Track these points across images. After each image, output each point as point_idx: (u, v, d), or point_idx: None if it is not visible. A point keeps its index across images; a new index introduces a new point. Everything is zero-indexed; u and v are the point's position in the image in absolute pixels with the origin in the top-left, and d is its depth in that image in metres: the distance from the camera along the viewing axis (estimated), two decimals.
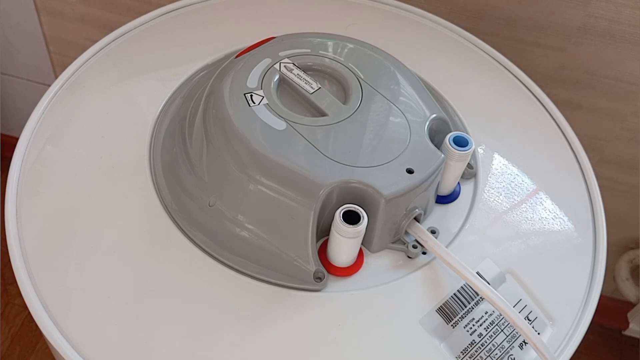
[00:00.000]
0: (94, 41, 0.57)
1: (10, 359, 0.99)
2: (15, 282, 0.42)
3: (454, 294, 0.43)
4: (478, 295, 0.43)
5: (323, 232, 0.44)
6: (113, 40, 0.57)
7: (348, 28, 0.59)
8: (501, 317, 0.43)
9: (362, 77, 0.48)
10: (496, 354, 0.42)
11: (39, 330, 0.41)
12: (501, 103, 0.57)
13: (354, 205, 0.40)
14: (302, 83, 0.46)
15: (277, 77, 0.47)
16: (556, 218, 0.49)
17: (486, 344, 0.42)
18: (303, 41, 0.50)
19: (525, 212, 0.49)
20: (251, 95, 0.45)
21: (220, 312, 0.41)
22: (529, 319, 0.43)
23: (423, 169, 0.43)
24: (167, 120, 0.50)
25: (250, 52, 0.49)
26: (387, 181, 0.42)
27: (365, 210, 0.40)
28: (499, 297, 0.41)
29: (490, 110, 0.56)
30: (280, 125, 0.43)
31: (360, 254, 0.44)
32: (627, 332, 1.06)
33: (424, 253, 0.45)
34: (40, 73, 1.01)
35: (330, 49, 0.49)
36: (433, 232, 0.45)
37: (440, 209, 0.48)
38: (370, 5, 0.63)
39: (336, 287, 0.43)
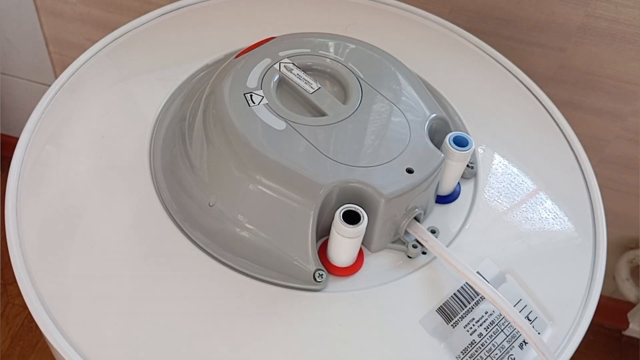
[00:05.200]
0: (94, 41, 0.57)
1: (10, 359, 0.99)
2: (15, 282, 0.42)
3: (454, 294, 0.43)
4: (478, 295, 0.43)
5: (323, 232, 0.43)
6: (113, 40, 0.57)
7: (348, 28, 0.59)
8: (501, 317, 0.43)
9: (362, 76, 0.48)
10: (496, 354, 0.42)
11: (39, 330, 0.41)
12: (501, 103, 0.57)
13: (354, 205, 0.40)
14: (301, 83, 0.46)
15: (277, 77, 0.47)
16: (556, 218, 0.49)
17: (486, 344, 0.42)
18: (303, 41, 0.50)
19: (525, 212, 0.49)
20: (251, 95, 0.45)
21: (221, 312, 0.41)
22: (529, 319, 0.43)
23: (423, 168, 0.43)
24: (167, 120, 0.50)
25: (250, 52, 0.49)
26: (387, 181, 0.42)
27: (365, 210, 0.40)
28: (499, 297, 0.41)
29: (490, 110, 0.56)
30: (280, 125, 0.43)
31: (360, 253, 0.44)
32: (627, 332, 1.06)
33: (424, 253, 0.45)
34: (40, 73, 1.01)
35: (330, 49, 0.49)
36: (433, 231, 0.45)
37: (440, 208, 0.48)
38: (370, 5, 0.63)
39: (336, 287, 0.43)
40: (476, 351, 0.42)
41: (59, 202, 0.46)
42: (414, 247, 0.44)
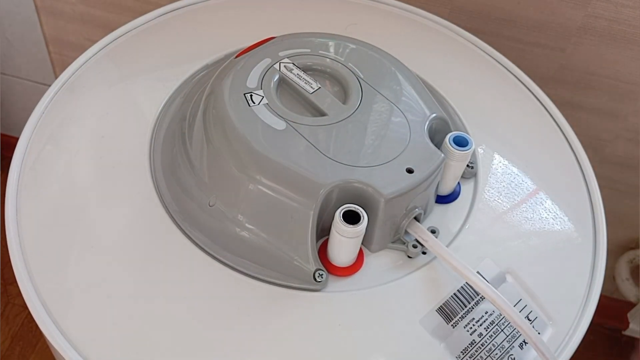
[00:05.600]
0: (94, 41, 0.57)
1: (10, 359, 0.99)
2: (15, 282, 0.42)
3: (454, 294, 0.43)
4: (478, 295, 0.43)
5: (323, 232, 0.43)
6: (113, 40, 0.57)
7: (348, 28, 0.59)
8: (501, 316, 0.43)
9: (362, 76, 0.48)
10: (496, 354, 0.42)
11: (39, 330, 0.41)
12: (501, 103, 0.57)
13: (354, 205, 0.40)
14: (301, 83, 0.46)
15: (277, 77, 0.47)
16: (556, 218, 0.49)
17: (486, 344, 0.42)
18: (303, 41, 0.50)
19: (525, 212, 0.49)
20: (251, 95, 0.45)
21: (221, 312, 0.41)
22: (529, 319, 0.43)
23: (423, 168, 0.43)
24: (167, 120, 0.50)
25: (250, 52, 0.49)
26: (387, 181, 0.42)
27: (365, 210, 0.40)
28: (499, 297, 0.41)
29: (491, 110, 0.56)
30: (280, 125, 0.43)
31: (360, 253, 0.44)
32: (627, 332, 1.06)
33: (424, 253, 0.45)
34: (40, 73, 1.01)
35: (330, 49, 0.49)
36: (433, 231, 0.45)
37: (440, 208, 0.48)
38: (370, 5, 0.63)
39: (336, 287, 0.43)
40: (476, 351, 0.42)
41: (59, 202, 0.46)
42: (414, 247, 0.44)
